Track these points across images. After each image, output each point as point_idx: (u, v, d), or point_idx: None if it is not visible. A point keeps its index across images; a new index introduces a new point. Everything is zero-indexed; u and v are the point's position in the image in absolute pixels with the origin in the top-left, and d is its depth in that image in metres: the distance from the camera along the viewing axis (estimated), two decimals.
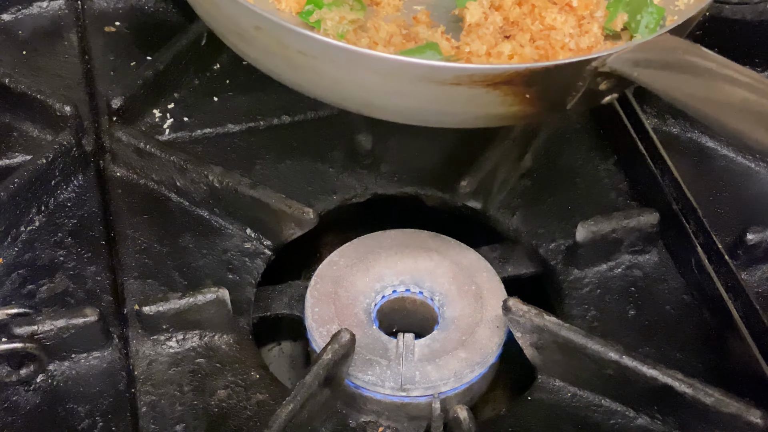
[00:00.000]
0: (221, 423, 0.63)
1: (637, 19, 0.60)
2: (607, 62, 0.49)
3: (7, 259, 0.72)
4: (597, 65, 0.49)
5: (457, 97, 0.48)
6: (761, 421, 0.59)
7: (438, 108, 0.50)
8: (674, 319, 0.70)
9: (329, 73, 0.49)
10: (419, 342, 0.67)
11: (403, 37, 0.57)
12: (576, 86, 0.50)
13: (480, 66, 0.48)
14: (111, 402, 0.64)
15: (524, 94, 0.49)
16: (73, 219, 0.75)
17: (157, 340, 0.67)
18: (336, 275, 0.71)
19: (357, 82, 0.49)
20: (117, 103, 0.79)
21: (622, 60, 0.49)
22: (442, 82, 0.47)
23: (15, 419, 0.63)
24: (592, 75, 0.50)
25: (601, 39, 0.59)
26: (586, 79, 0.50)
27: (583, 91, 0.50)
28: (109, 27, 0.92)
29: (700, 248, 0.70)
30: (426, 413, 0.65)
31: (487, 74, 0.47)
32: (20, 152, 0.80)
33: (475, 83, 0.47)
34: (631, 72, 0.49)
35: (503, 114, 0.50)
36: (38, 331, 0.64)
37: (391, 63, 0.47)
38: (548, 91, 0.50)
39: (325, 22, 0.58)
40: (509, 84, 0.47)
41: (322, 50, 0.47)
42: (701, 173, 0.79)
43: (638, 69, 0.49)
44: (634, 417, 0.64)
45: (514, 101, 0.49)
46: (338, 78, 0.49)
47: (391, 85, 0.49)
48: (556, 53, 0.57)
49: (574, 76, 0.49)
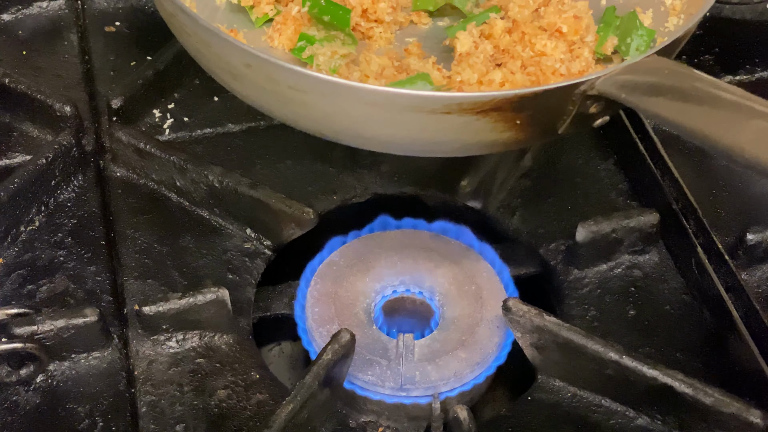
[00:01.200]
0: (221, 423, 0.63)
1: (627, 42, 0.60)
2: (595, 85, 0.49)
3: (7, 259, 0.72)
4: (585, 89, 0.49)
5: (448, 126, 0.48)
6: (761, 421, 0.59)
7: (430, 138, 0.50)
8: (674, 319, 0.70)
9: (320, 107, 0.49)
10: (419, 342, 0.67)
11: (395, 69, 0.57)
12: (566, 110, 0.50)
13: (469, 94, 0.48)
14: (111, 402, 0.64)
15: (514, 120, 0.49)
16: (73, 219, 0.75)
17: (157, 340, 0.67)
18: (336, 275, 0.71)
19: (348, 115, 0.49)
20: (117, 103, 0.79)
21: (609, 83, 0.49)
22: (432, 111, 0.47)
23: (15, 419, 0.63)
24: (581, 99, 0.50)
25: (593, 63, 0.59)
26: (575, 103, 0.50)
27: (574, 115, 0.50)
28: (109, 27, 0.92)
29: (700, 248, 0.70)
30: (426, 413, 0.65)
31: (476, 102, 0.47)
32: (20, 152, 0.80)
33: (464, 111, 0.47)
34: (618, 94, 0.49)
35: (495, 141, 0.50)
36: (38, 331, 0.64)
37: (381, 95, 0.48)
38: (538, 117, 0.50)
39: (317, 57, 0.58)
40: (499, 110, 0.47)
41: (312, 85, 0.48)
42: (701, 173, 0.79)
43: (625, 91, 0.49)
44: (634, 417, 0.64)
45: (505, 127, 0.49)
46: (329, 112, 0.50)
47: (382, 116, 0.49)
48: (547, 79, 0.56)
49: (563, 100, 0.49)
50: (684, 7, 0.61)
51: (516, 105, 0.48)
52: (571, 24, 0.59)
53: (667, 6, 0.62)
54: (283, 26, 0.59)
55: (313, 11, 0.58)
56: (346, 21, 0.57)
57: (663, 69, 0.50)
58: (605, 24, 0.61)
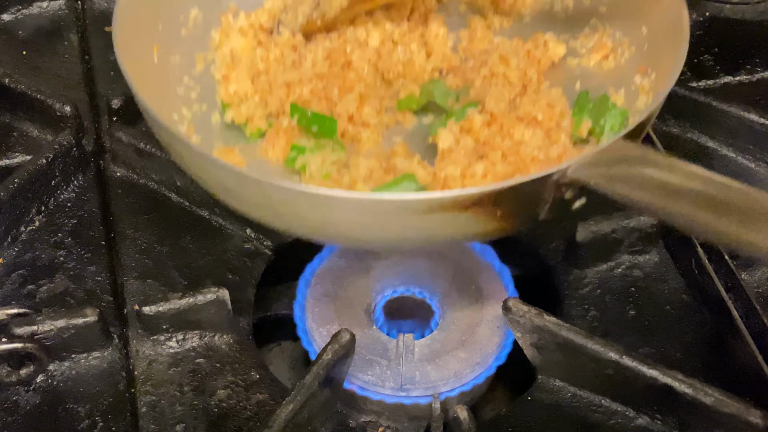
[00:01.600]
0: (221, 423, 0.63)
1: (601, 124, 0.62)
2: (567, 174, 0.51)
3: (7, 259, 0.72)
4: (558, 178, 0.51)
5: (434, 223, 0.51)
6: (761, 421, 0.59)
7: (419, 235, 0.53)
8: (674, 319, 0.70)
9: (312, 218, 0.52)
10: (419, 342, 0.67)
11: (383, 170, 0.60)
12: (543, 199, 0.53)
13: (448, 192, 0.50)
14: (111, 402, 0.64)
15: (495, 213, 0.51)
16: (73, 219, 0.75)
17: (157, 340, 0.67)
18: (335, 275, 0.71)
19: (340, 222, 0.52)
20: (117, 103, 0.79)
21: (580, 170, 0.51)
22: (416, 212, 0.50)
23: (15, 419, 0.63)
24: (555, 187, 0.52)
25: (570, 146, 0.61)
26: (551, 191, 0.52)
27: (552, 202, 0.53)
28: (109, 27, 0.91)
29: (700, 248, 0.70)
30: (426, 413, 0.65)
31: (456, 199, 0.49)
32: (20, 152, 0.80)
33: (446, 209, 0.50)
34: (588, 181, 0.51)
35: (481, 231, 0.53)
36: (38, 331, 0.64)
37: (366, 202, 0.51)
38: (517, 207, 0.53)
39: (309, 166, 0.61)
40: (479, 205, 0.50)
41: (300, 198, 0.51)
42: None
43: (595, 177, 0.51)
44: (634, 417, 0.64)
45: (488, 219, 0.52)
46: (322, 221, 0.52)
47: (370, 221, 0.51)
48: (527, 167, 0.59)
49: (539, 190, 0.52)
50: (652, 85, 0.64)
51: (494, 199, 0.50)
52: (545, 112, 0.61)
53: (637, 85, 0.65)
54: (275, 139, 0.62)
55: (301, 123, 0.62)
56: (333, 131, 0.61)
57: (629, 153, 0.52)
58: (579, 108, 0.64)
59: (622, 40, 0.68)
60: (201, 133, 0.65)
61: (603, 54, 0.68)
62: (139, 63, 0.62)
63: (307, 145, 0.61)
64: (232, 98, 0.65)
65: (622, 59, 0.68)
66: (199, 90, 0.67)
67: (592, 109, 0.63)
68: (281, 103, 0.64)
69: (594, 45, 0.69)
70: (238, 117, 0.65)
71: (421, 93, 0.66)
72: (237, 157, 0.62)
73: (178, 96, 0.67)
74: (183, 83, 0.68)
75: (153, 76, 0.64)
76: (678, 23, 0.60)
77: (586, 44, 0.70)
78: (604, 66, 0.68)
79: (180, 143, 0.56)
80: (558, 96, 0.64)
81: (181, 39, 0.69)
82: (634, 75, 0.66)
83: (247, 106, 0.64)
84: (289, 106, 0.63)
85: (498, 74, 0.65)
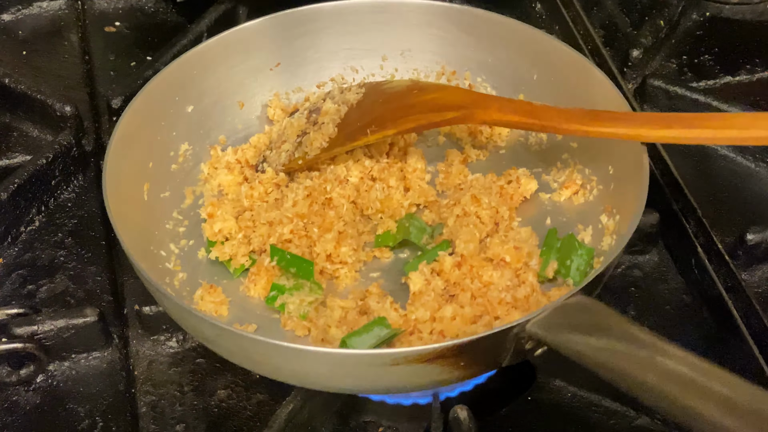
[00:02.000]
0: (221, 423, 0.63)
1: (567, 264, 0.64)
2: (525, 328, 0.54)
3: (7, 259, 0.72)
4: (517, 331, 0.54)
5: (401, 373, 0.54)
6: None
7: (388, 383, 0.57)
8: (674, 319, 0.70)
9: (287, 367, 0.56)
10: None
11: (358, 310, 0.63)
12: (504, 349, 0.55)
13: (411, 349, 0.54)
14: (111, 402, 0.64)
15: (458, 363, 0.54)
16: (73, 219, 0.75)
17: (157, 340, 0.67)
18: None
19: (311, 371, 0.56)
20: (117, 103, 0.79)
21: (537, 325, 0.53)
22: (382, 364, 0.54)
23: (15, 419, 0.63)
24: (515, 339, 0.54)
25: (537, 287, 0.63)
26: (511, 342, 0.55)
27: (513, 351, 0.55)
28: (109, 27, 0.92)
29: (700, 248, 0.70)
30: (426, 413, 0.65)
31: (420, 354, 0.53)
32: (20, 152, 0.80)
33: (411, 362, 0.53)
34: (544, 336, 0.53)
35: (446, 379, 0.56)
36: (38, 331, 0.64)
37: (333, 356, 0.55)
38: (479, 357, 0.56)
39: (288, 306, 0.64)
40: (442, 357, 0.53)
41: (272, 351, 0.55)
42: (701, 173, 0.79)
43: (551, 333, 0.53)
44: (634, 417, 0.64)
45: (452, 369, 0.55)
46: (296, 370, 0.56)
47: (339, 371, 0.56)
48: (494, 308, 0.61)
49: (499, 343, 0.54)
50: (616, 227, 0.65)
51: (455, 351, 0.53)
52: (512, 254, 0.64)
53: (603, 224, 0.67)
54: (257, 277, 0.65)
55: (281, 264, 0.65)
56: (310, 273, 0.64)
57: (584, 309, 0.54)
58: (547, 247, 0.66)
59: (591, 177, 0.70)
60: (187, 270, 0.67)
61: (573, 190, 0.70)
62: (129, 203, 0.66)
63: (287, 284, 0.64)
64: (216, 236, 0.68)
65: (590, 196, 0.69)
66: (187, 224, 0.70)
67: (560, 249, 0.65)
68: (263, 241, 0.66)
69: (565, 180, 0.71)
70: (222, 255, 0.67)
71: (398, 230, 0.68)
72: (220, 296, 0.64)
73: (167, 231, 0.69)
74: (172, 218, 0.70)
75: (142, 213, 0.67)
76: (639, 168, 0.62)
77: (557, 178, 0.72)
78: (574, 201, 0.70)
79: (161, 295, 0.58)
80: (528, 234, 0.66)
81: (171, 174, 0.72)
82: (601, 213, 0.67)
83: (231, 244, 0.67)
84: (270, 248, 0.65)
85: (470, 214, 0.67)
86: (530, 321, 0.53)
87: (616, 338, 0.50)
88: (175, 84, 0.72)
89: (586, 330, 0.52)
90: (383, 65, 0.79)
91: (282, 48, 0.77)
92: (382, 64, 0.79)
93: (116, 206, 0.62)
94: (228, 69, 0.75)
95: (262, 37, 0.76)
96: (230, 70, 0.76)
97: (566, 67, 0.72)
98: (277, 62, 0.78)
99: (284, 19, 0.77)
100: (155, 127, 0.71)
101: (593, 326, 0.52)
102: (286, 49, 0.78)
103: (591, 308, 0.54)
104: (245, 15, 0.87)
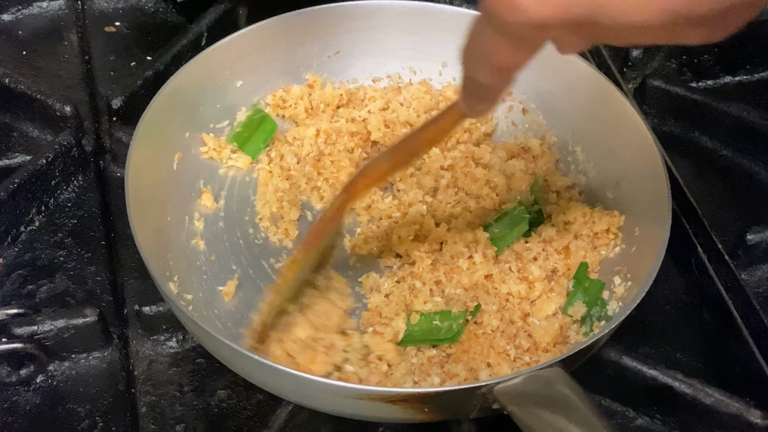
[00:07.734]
0: (221, 423, 0.63)
1: (591, 314, 0.65)
2: (493, 390, 0.53)
3: (7, 259, 0.72)
4: (484, 392, 0.53)
5: (370, 406, 0.55)
6: (761, 421, 0.59)
7: (359, 412, 0.58)
8: (674, 319, 0.70)
9: (272, 384, 0.59)
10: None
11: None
12: (470, 405, 0.55)
13: (371, 388, 0.55)
14: (111, 402, 0.64)
15: (423, 409, 0.55)
16: (73, 219, 0.75)
17: (157, 340, 0.67)
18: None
19: (299, 392, 0.58)
20: (117, 103, 0.79)
21: (504, 390, 0.53)
22: (349, 397, 0.54)
23: (15, 419, 0.63)
24: (481, 398, 0.54)
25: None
26: (477, 401, 0.54)
27: (480, 408, 0.55)
28: (109, 27, 0.92)
29: (700, 248, 0.70)
30: None
31: (382, 395, 0.54)
32: (20, 152, 0.80)
33: (374, 400, 0.54)
34: (507, 405, 0.52)
35: (411, 418, 0.56)
36: (38, 331, 0.64)
37: (307, 381, 0.55)
38: (444, 407, 0.56)
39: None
40: (406, 402, 0.54)
41: (266, 370, 0.55)
42: (701, 173, 0.79)
43: (515, 402, 0.52)
44: (634, 417, 0.64)
45: (416, 412, 0.55)
46: (282, 387, 0.58)
47: (324, 398, 0.57)
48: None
49: (464, 399, 0.55)
50: (624, 295, 0.65)
51: (419, 399, 0.54)
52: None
53: (615, 287, 0.66)
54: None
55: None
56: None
57: (555, 382, 0.53)
58: (577, 281, 0.66)
59: (618, 233, 0.69)
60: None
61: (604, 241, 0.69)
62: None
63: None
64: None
65: (611, 253, 0.68)
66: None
67: (587, 290, 0.66)
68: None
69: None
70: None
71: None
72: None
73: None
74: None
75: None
76: (657, 243, 0.62)
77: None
78: (599, 249, 0.69)
79: (181, 313, 0.58)
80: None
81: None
82: (616, 273, 0.66)
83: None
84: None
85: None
86: (499, 384, 0.53)
87: (574, 422, 0.50)
88: (225, 59, 0.74)
89: (547, 405, 0.52)
90: (442, 71, 0.80)
91: (343, 37, 0.78)
92: (441, 70, 0.80)
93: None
94: (285, 50, 0.77)
95: (325, 23, 0.77)
96: (287, 51, 0.77)
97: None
98: (337, 50, 0.78)
99: (349, 10, 0.77)
100: (201, 98, 0.74)
101: (556, 403, 0.52)
102: (347, 38, 0.78)
103: (561, 383, 0.53)
104: (245, 15, 0.87)
